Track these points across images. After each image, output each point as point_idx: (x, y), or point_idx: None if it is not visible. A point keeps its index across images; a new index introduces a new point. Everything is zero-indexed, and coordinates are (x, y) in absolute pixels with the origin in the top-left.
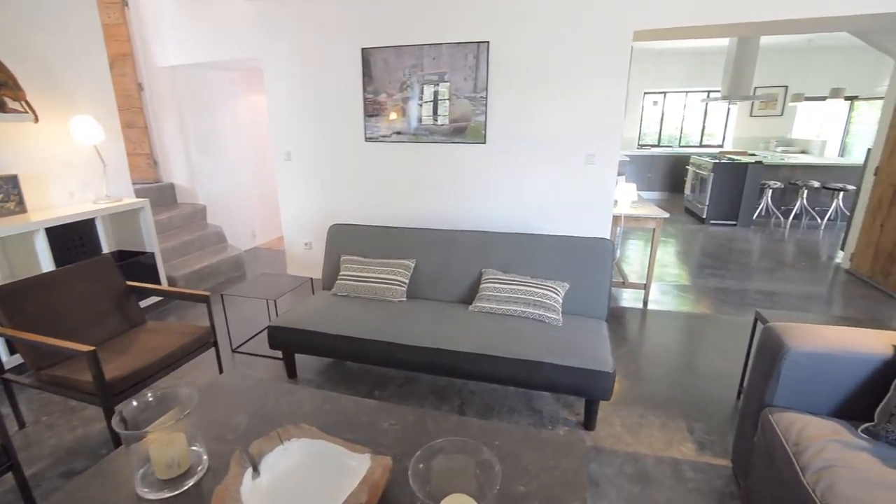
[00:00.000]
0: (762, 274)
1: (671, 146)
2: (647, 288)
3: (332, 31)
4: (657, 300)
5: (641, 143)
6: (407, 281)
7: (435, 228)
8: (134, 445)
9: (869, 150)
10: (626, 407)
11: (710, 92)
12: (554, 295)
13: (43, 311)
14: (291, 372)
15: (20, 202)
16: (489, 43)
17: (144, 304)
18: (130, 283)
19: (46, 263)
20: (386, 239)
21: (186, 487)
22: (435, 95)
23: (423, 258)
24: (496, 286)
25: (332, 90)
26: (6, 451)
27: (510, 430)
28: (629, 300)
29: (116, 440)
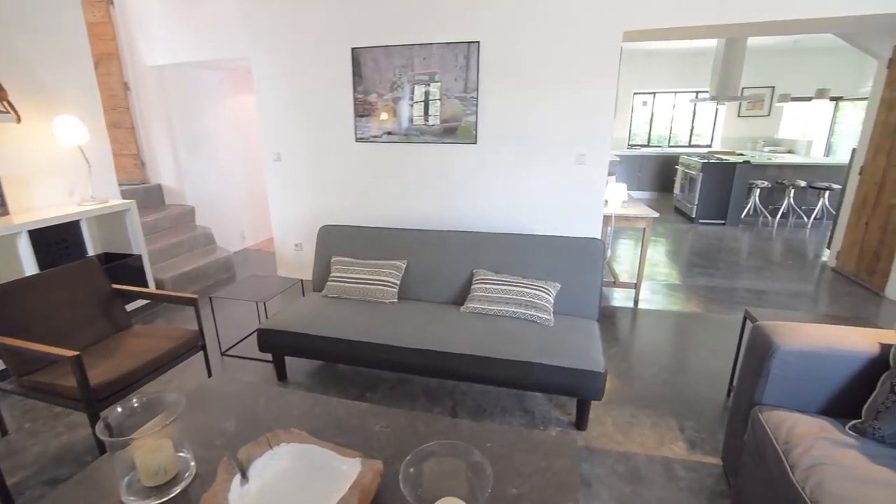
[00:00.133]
0: (751, 272)
1: (661, 146)
2: (637, 287)
3: (321, 30)
4: (648, 299)
5: (631, 143)
6: (398, 282)
7: (426, 229)
8: (119, 452)
9: (854, 150)
10: (617, 406)
11: (698, 92)
12: (545, 295)
13: (26, 315)
14: (281, 375)
15: (2, 204)
16: (479, 43)
17: (131, 307)
18: (116, 286)
19: (29, 266)
20: (377, 240)
21: (173, 495)
22: (426, 95)
23: (414, 259)
24: (487, 287)
25: (321, 90)
26: None
27: (502, 431)
28: (620, 299)
29: (102, 447)
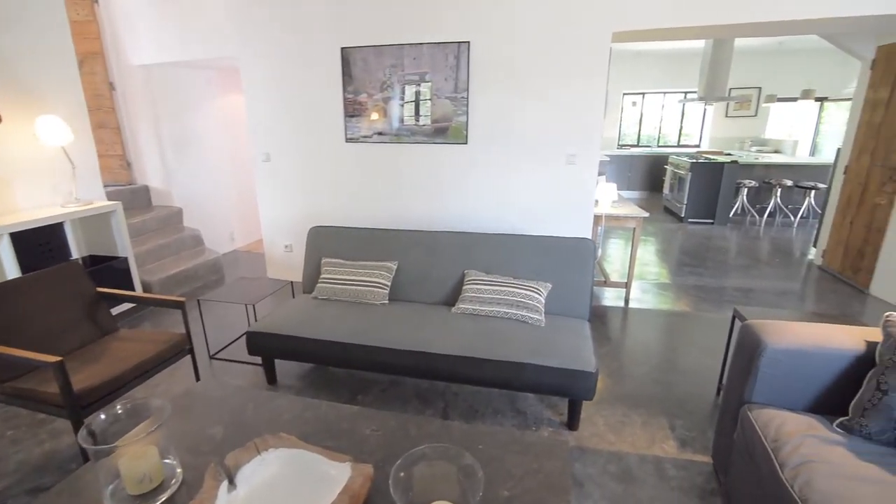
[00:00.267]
0: (739, 271)
1: (650, 146)
2: (628, 286)
3: (310, 29)
4: (638, 298)
5: (621, 143)
6: (389, 283)
7: (417, 230)
8: (103, 460)
9: (838, 149)
10: (608, 406)
11: (686, 93)
12: (536, 295)
13: (7, 320)
14: (271, 378)
15: None
16: (469, 43)
17: (117, 311)
18: (101, 289)
19: (11, 270)
20: (367, 241)
21: (159, 503)
22: (416, 95)
23: (405, 260)
24: (479, 287)
25: (311, 90)
26: None
27: (493, 433)
28: (611, 299)
29: (86, 455)
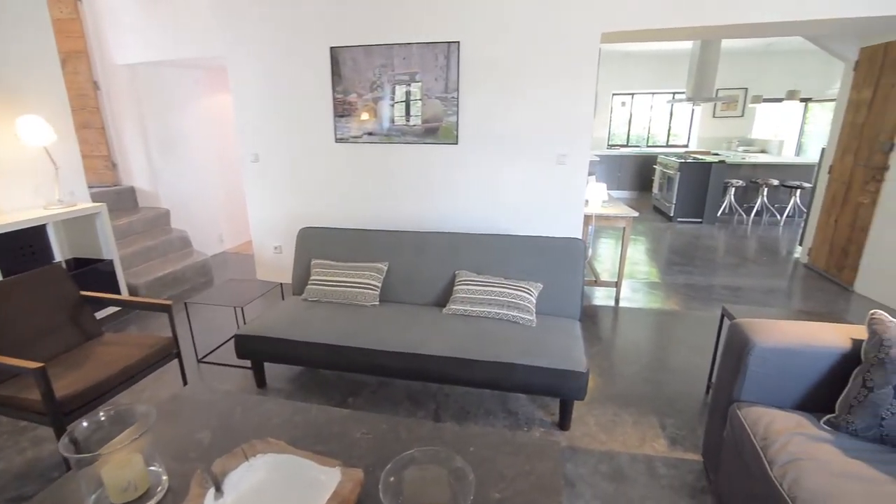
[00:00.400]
0: (727, 270)
1: (639, 146)
2: (618, 286)
3: (299, 29)
4: (628, 297)
5: (611, 143)
6: (380, 284)
7: (408, 230)
8: (86, 469)
9: (823, 149)
10: (600, 405)
11: (675, 94)
12: (527, 296)
13: None
14: (261, 381)
15: None
16: (459, 43)
17: (102, 314)
18: (85, 292)
19: None
20: (357, 242)
21: None
22: (407, 95)
23: (395, 261)
24: (470, 288)
25: (300, 90)
26: None
27: (485, 434)
28: (601, 298)
29: (70, 462)
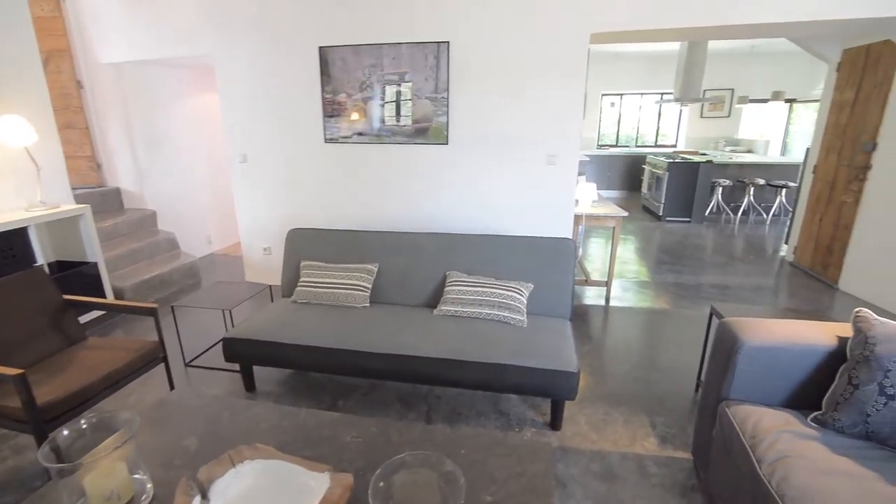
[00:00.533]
0: (715, 268)
1: (628, 146)
2: (608, 285)
3: (287, 28)
4: (619, 297)
5: (600, 143)
6: (370, 286)
7: (398, 231)
8: (68, 478)
9: (808, 149)
10: (591, 405)
11: (663, 94)
12: (518, 296)
13: None
14: (250, 385)
15: None
16: (449, 43)
17: (86, 318)
18: (68, 296)
19: None
20: (347, 243)
21: None
22: (397, 95)
23: (386, 262)
24: (461, 289)
25: (288, 90)
26: None
27: (476, 436)
28: (592, 297)
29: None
